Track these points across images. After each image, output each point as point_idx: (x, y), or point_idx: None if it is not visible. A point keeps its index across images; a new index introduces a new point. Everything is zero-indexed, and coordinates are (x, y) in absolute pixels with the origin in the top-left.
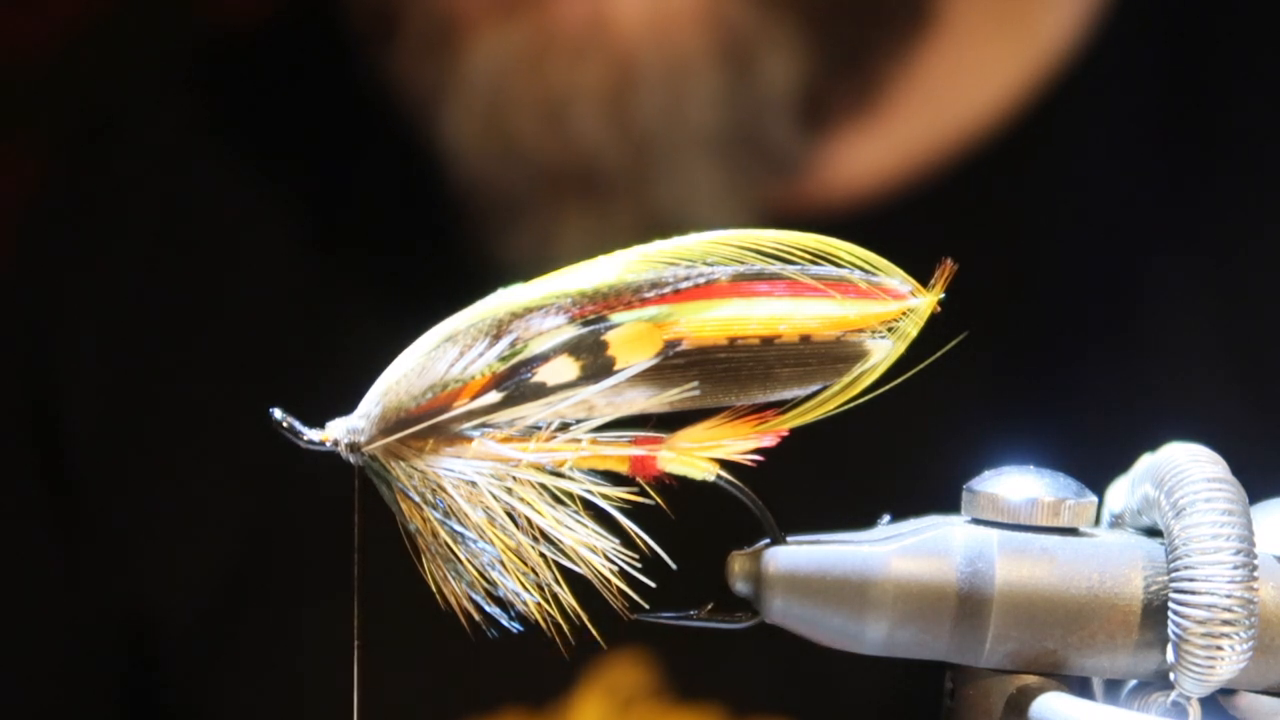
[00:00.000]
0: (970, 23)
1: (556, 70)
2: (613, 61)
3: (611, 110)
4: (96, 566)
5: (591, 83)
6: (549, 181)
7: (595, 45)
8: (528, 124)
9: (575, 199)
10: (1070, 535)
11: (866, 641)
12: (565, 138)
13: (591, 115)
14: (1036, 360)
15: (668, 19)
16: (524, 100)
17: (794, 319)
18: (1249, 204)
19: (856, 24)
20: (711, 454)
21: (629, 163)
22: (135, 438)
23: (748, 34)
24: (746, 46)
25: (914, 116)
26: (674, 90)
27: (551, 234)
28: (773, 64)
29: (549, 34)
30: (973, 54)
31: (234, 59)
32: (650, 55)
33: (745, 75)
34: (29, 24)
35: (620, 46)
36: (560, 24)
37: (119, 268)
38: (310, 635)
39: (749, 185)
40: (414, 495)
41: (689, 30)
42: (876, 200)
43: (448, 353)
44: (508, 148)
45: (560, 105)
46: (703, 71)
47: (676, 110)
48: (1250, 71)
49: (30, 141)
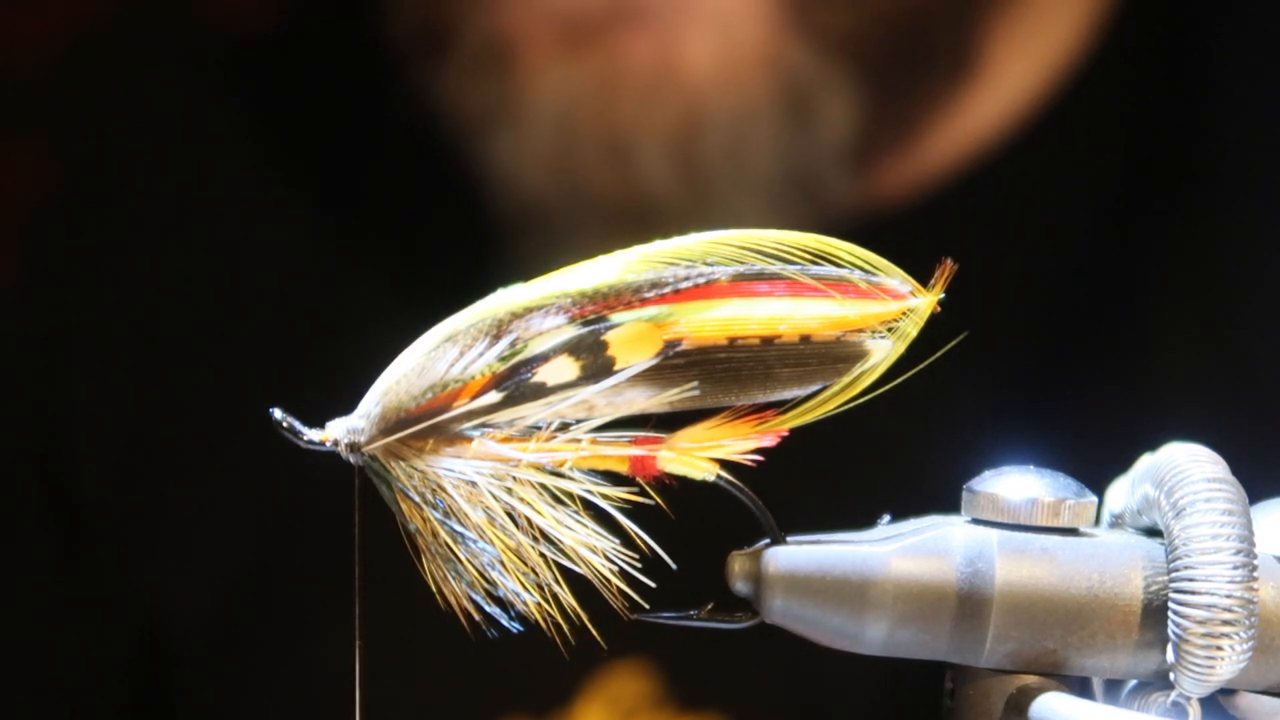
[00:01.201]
0: (1011, 68)
1: (622, 108)
2: (678, 104)
3: (674, 151)
4: (103, 571)
5: (656, 122)
6: (602, 216)
7: (662, 86)
8: (588, 158)
9: (627, 236)
10: (1070, 535)
11: (866, 641)
12: (623, 175)
13: (653, 155)
14: (1036, 360)
15: (734, 63)
16: (585, 133)
17: (794, 319)
18: (1248, 204)
19: (908, 71)
20: (711, 454)
21: (684, 205)
22: (141, 442)
23: (810, 78)
24: (808, 91)
25: (947, 155)
26: (736, 135)
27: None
28: (832, 108)
29: (617, 71)
30: (1010, 97)
31: (246, 62)
32: (715, 98)
33: (806, 119)
34: (33, 26)
35: (687, 88)
36: (629, 62)
37: (124, 271)
38: (313, 637)
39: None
40: (414, 495)
41: (753, 76)
42: (882, 197)
43: (448, 353)
44: (565, 179)
45: (623, 141)
46: (764, 118)
47: (737, 155)
48: (1250, 75)
49: (36, 145)
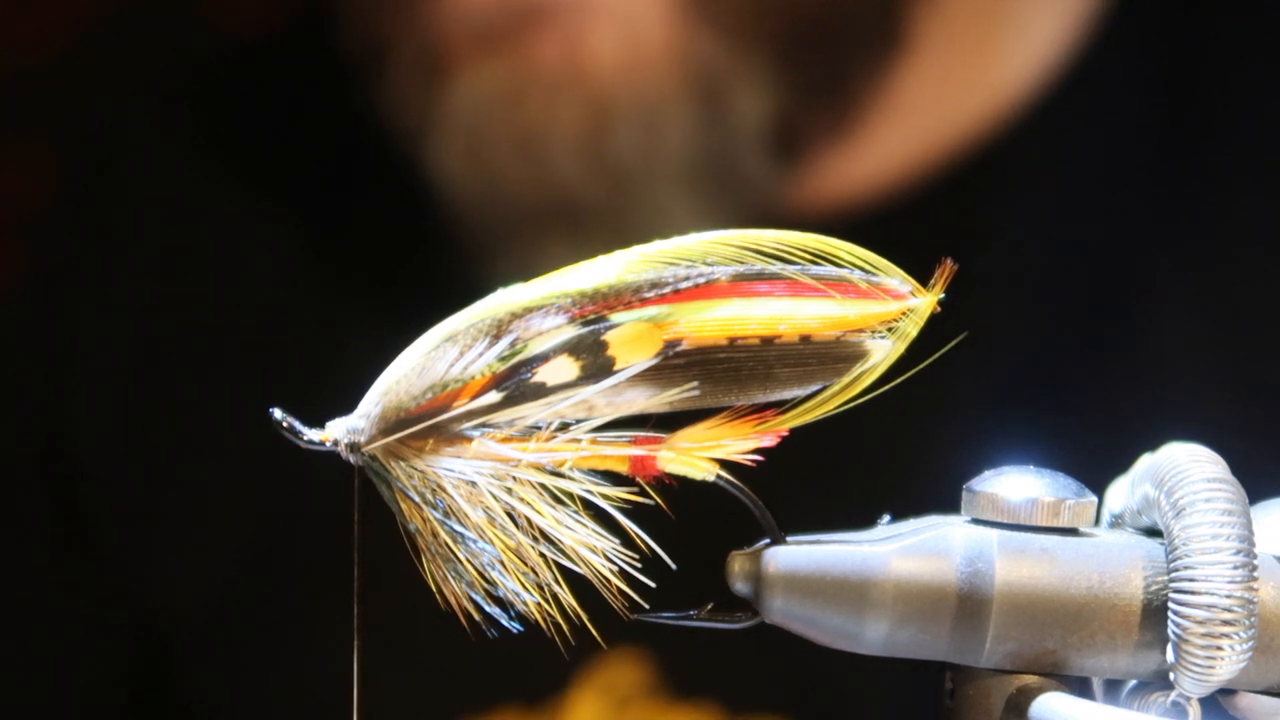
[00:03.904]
0: (943, 41)
1: (534, 107)
2: (588, 99)
3: (587, 146)
4: (105, 569)
5: (568, 119)
6: (529, 214)
7: (571, 82)
8: (507, 157)
9: (555, 232)
10: (1070, 535)
11: (866, 641)
12: (543, 172)
13: (568, 150)
14: (1036, 360)
15: (640, 56)
16: (503, 134)
17: (794, 319)
18: (1247, 204)
19: (828, 52)
20: (711, 454)
21: (606, 197)
22: (142, 441)
23: (719, 69)
24: (718, 80)
25: (893, 136)
26: (648, 126)
27: (533, 265)
28: (745, 96)
29: (527, 71)
30: (949, 71)
31: (239, 68)
32: (624, 91)
33: (717, 108)
34: (33, 26)
35: (595, 84)
36: (537, 62)
37: (124, 272)
38: (313, 635)
39: (724, 216)
40: (414, 495)
41: (662, 67)
42: (880, 195)
43: (448, 353)
44: (488, 180)
45: (538, 140)
46: (676, 107)
47: (651, 145)
48: (1246, 74)
49: (37, 145)
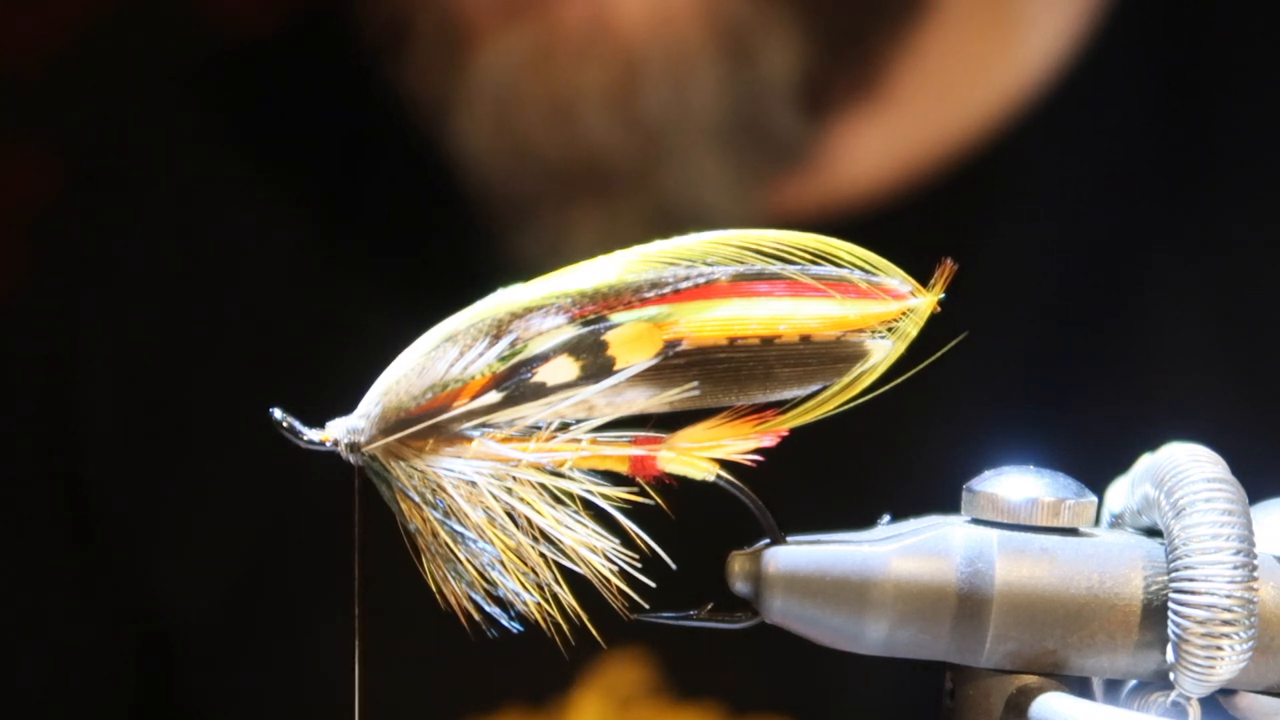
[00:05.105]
0: (968, 8)
1: (561, 71)
2: (616, 59)
3: (617, 107)
4: (106, 568)
5: (596, 81)
6: (559, 181)
7: (598, 44)
8: (536, 125)
9: (586, 197)
10: (1070, 535)
11: (866, 641)
12: (573, 137)
13: (597, 113)
14: (1036, 360)
15: (667, 14)
16: (531, 102)
17: (794, 319)
18: (1248, 203)
19: (853, 9)
20: (711, 454)
21: (637, 158)
22: (143, 441)
23: (746, 24)
24: (746, 37)
25: (916, 100)
26: (677, 84)
27: (565, 232)
28: (772, 52)
29: (552, 35)
30: (971, 39)
31: (244, 64)
32: (652, 51)
33: (746, 65)
34: (33, 26)
35: (622, 44)
36: (562, 25)
37: (125, 271)
38: (313, 635)
39: (755, 174)
40: (414, 495)
41: (688, 24)
42: (881, 194)
43: (448, 352)
44: (518, 149)
45: (567, 105)
46: (704, 64)
47: (680, 103)
48: (1248, 71)
49: (37, 145)
